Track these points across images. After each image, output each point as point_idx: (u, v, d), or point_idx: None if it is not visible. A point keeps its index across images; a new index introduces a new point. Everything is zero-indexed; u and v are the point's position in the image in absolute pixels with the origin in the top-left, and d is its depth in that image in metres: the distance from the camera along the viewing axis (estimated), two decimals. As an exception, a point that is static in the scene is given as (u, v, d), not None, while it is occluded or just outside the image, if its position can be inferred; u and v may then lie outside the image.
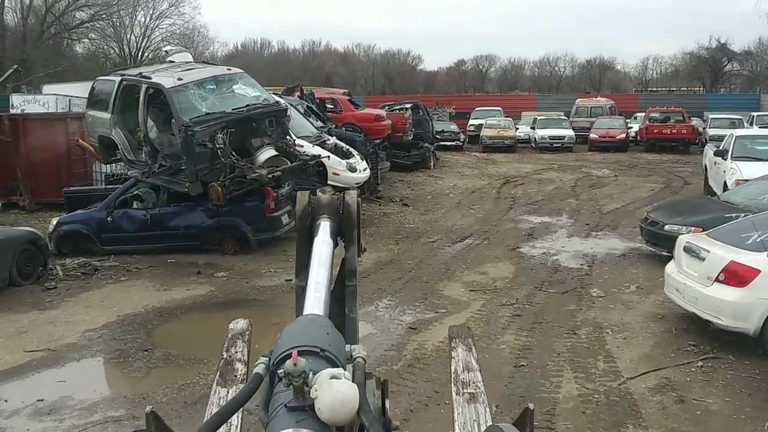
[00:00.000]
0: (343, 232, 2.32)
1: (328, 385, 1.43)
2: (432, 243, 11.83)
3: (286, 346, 1.59)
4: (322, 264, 2.08)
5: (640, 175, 20.98)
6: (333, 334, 1.71)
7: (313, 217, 2.31)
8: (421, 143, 22.92)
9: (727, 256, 6.69)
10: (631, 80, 76.91)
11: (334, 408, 1.41)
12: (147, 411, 1.95)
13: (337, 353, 1.62)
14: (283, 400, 1.48)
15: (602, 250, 11.34)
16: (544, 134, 29.20)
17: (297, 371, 1.43)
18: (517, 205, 15.83)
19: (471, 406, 2.34)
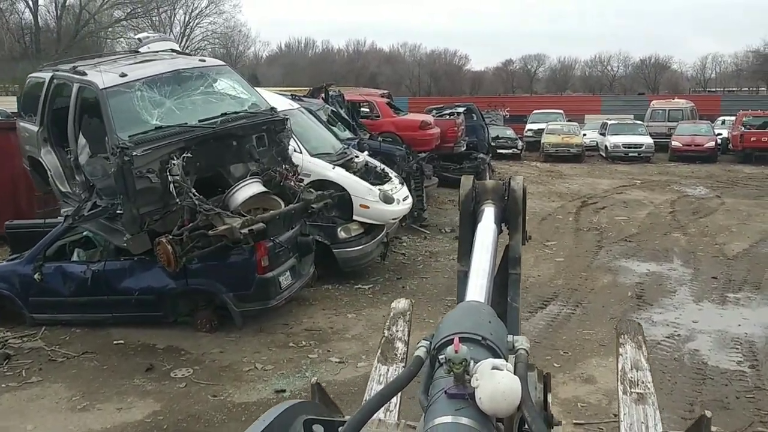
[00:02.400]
0: (507, 218, 2.33)
1: (490, 375, 1.41)
2: (500, 311, 8.21)
3: (447, 331, 1.58)
4: (486, 249, 2.07)
5: (749, 197, 16.84)
6: (495, 322, 1.69)
7: (478, 201, 2.32)
8: (475, 153, 19.24)
9: None
10: (687, 80, 72.85)
11: (496, 399, 1.38)
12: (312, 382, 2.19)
13: (498, 343, 1.59)
14: (443, 386, 1.46)
15: (758, 330, 7.53)
16: (618, 141, 25.08)
17: (458, 358, 1.42)
18: (607, 241, 12.02)
19: (639, 407, 2.25)
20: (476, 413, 1.39)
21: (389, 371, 2.39)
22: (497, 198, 2.34)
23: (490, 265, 2.05)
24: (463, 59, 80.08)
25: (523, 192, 2.36)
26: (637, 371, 2.48)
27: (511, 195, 2.34)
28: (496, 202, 2.33)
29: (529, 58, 79.30)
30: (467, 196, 2.35)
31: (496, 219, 2.28)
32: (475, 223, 2.27)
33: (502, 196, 2.35)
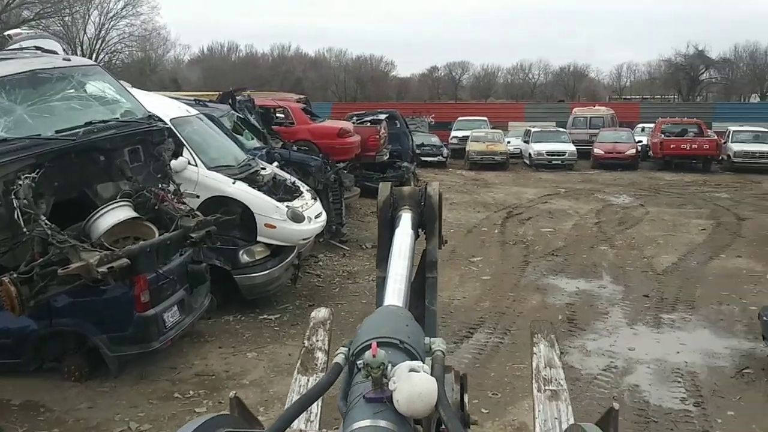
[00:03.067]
0: (424, 223, 2.38)
1: (407, 377, 1.44)
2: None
3: (365, 336, 1.62)
4: (403, 255, 2.12)
5: (672, 205, 16.73)
6: (412, 326, 1.73)
7: (395, 208, 2.37)
8: (399, 162, 18.48)
9: None
10: (604, 88, 75.22)
11: (413, 400, 1.41)
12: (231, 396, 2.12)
13: (416, 345, 1.63)
14: (361, 391, 1.49)
15: (697, 358, 6.96)
16: (541, 149, 24.89)
17: (376, 362, 1.45)
18: (534, 256, 11.40)
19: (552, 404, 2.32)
20: (394, 416, 1.42)
21: (309, 382, 2.41)
22: (414, 204, 2.38)
23: (408, 269, 2.10)
24: (389, 65, 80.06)
25: (439, 197, 2.40)
26: (550, 369, 2.54)
27: (427, 201, 2.38)
28: (412, 207, 2.37)
29: (454, 65, 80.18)
30: (385, 202, 2.39)
31: (413, 224, 2.32)
32: (392, 229, 2.31)
33: (418, 202, 2.39)
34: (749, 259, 11.02)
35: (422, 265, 2.38)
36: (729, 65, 61.57)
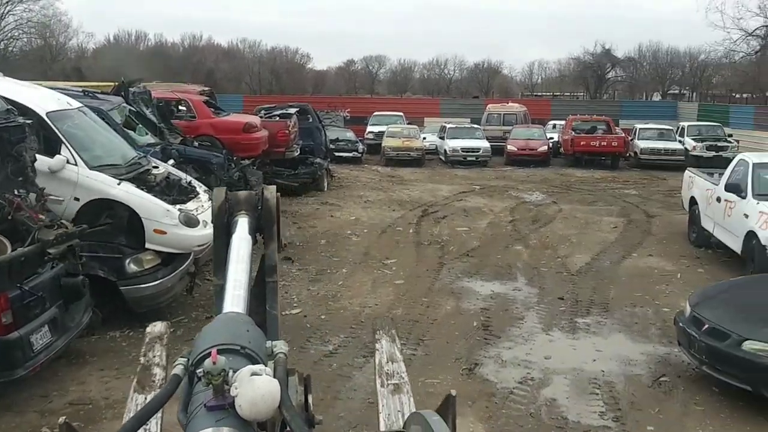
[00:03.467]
0: (262, 228, 2.36)
1: (249, 381, 1.42)
2: (329, 358, 6.79)
3: (205, 345, 1.58)
4: (241, 260, 2.10)
5: (584, 202, 16.88)
6: (253, 330, 1.72)
7: (231, 213, 2.32)
8: (312, 158, 17.84)
9: None
10: (517, 85, 77.14)
11: (255, 403, 1.39)
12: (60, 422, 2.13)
13: (257, 350, 1.62)
14: (202, 399, 1.46)
15: (614, 366, 6.74)
16: (457, 146, 24.78)
17: (216, 369, 1.42)
18: (449, 257, 11.06)
19: (395, 397, 2.42)
20: (237, 421, 1.40)
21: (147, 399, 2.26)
22: (251, 208, 2.35)
23: (246, 275, 2.08)
24: (305, 57, 78.97)
25: (276, 201, 2.41)
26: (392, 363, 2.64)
27: (264, 205, 2.37)
28: (249, 212, 2.33)
29: (371, 59, 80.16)
30: (220, 208, 2.32)
31: (250, 229, 2.28)
32: (229, 235, 2.26)
33: (255, 206, 2.36)
34: (660, 258, 11.08)
35: (261, 269, 2.35)
36: (633, 64, 64.13)
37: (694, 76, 61.83)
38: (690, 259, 10.98)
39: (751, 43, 29.47)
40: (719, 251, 11.01)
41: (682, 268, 10.41)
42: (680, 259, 11.01)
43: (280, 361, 1.64)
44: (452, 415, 2.06)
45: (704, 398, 6.02)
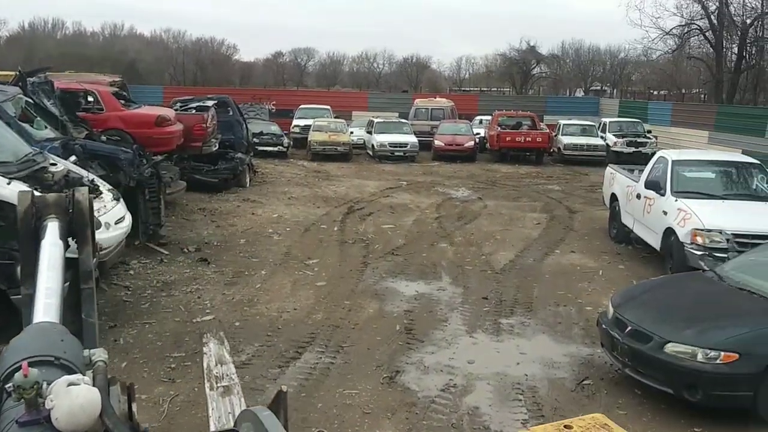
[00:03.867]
0: (74, 232, 2.26)
1: (66, 392, 1.38)
2: (241, 369, 6.34)
3: (14, 358, 1.52)
4: (52, 268, 2.02)
5: (509, 198, 16.94)
6: (68, 340, 1.67)
7: (39, 217, 2.21)
8: (233, 153, 17.18)
9: None
10: (445, 80, 78.04)
11: (74, 414, 1.35)
12: None
13: (74, 360, 1.58)
14: (13, 416, 1.40)
15: (537, 369, 6.58)
16: (384, 141, 24.53)
17: (28, 383, 1.37)
18: (373, 256, 10.76)
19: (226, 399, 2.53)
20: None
21: None
22: (61, 211, 2.23)
23: (59, 283, 1.98)
24: (231, 49, 77.32)
25: (89, 203, 2.28)
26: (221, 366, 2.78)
27: (76, 207, 2.25)
28: (60, 215, 2.22)
29: (299, 51, 79.36)
30: (26, 212, 2.19)
31: (61, 234, 2.19)
32: (38, 240, 2.14)
33: (66, 209, 2.24)
34: (582, 255, 11.12)
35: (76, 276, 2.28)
36: (557, 61, 65.77)
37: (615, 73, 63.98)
38: (611, 256, 11.07)
39: (668, 41, 30.47)
40: (639, 247, 11.15)
41: (604, 265, 10.46)
42: (602, 255, 11.09)
43: (100, 370, 1.61)
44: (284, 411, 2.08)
45: (627, 401, 5.93)
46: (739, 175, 10.12)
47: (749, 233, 8.37)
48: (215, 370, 2.66)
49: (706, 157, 11.11)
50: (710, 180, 10.05)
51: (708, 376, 5.42)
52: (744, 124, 23.20)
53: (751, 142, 22.00)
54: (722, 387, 5.44)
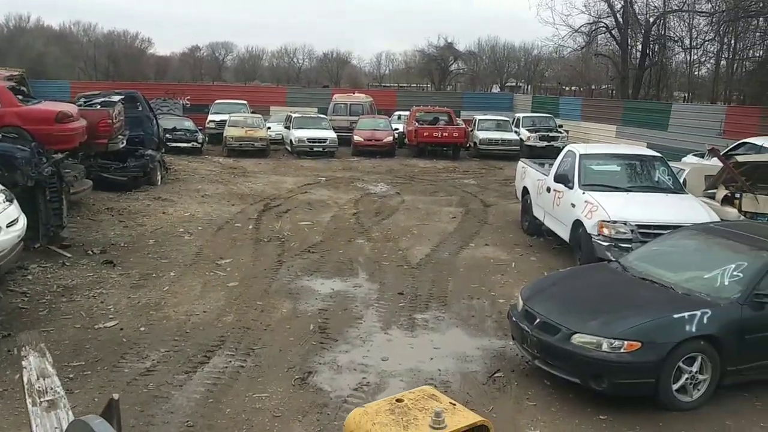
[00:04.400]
0: None
1: None
2: (145, 376, 6.05)
3: None
4: None
5: (426, 193, 17.05)
6: None
7: None
8: (143, 149, 16.52)
9: None
10: (365, 75, 78.31)
11: None
12: None
13: None
14: None
15: (450, 363, 6.61)
16: (303, 136, 24.22)
17: None
18: (289, 254, 10.56)
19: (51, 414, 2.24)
20: None
21: None
22: None
23: None
24: (145, 42, 74.87)
25: None
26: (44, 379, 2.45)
27: None
28: None
29: (217, 46, 77.80)
30: None
31: None
32: None
33: None
34: (495, 248, 11.29)
35: None
36: (474, 57, 67.01)
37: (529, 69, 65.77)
38: (523, 248, 11.29)
39: (577, 39, 31.53)
40: (550, 239, 11.43)
41: (516, 257, 10.66)
42: (514, 248, 11.30)
43: None
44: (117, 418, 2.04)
45: (536, 393, 6.02)
46: (643, 168, 10.51)
47: (652, 224, 8.68)
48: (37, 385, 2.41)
49: (612, 151, 11.48)
50: (616, 173, 10.39)
51: (612, 365, 5.57)
52: (648, 119, 24.27)
53: (655, 135, 23.05)
54: (626, 375, 5.60)
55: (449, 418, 2.77)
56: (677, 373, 5.64)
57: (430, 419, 2.74)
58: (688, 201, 9.57)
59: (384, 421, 2.78)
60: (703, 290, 6.06)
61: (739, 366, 5.83)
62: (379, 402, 2.93)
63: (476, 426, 2.81)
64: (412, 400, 2.92)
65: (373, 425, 2.76)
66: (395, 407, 2.88)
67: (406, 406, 2.89)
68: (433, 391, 3.02)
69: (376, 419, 2.80)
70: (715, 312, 5.74)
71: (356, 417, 2.88)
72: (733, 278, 6.09)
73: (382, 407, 2.86)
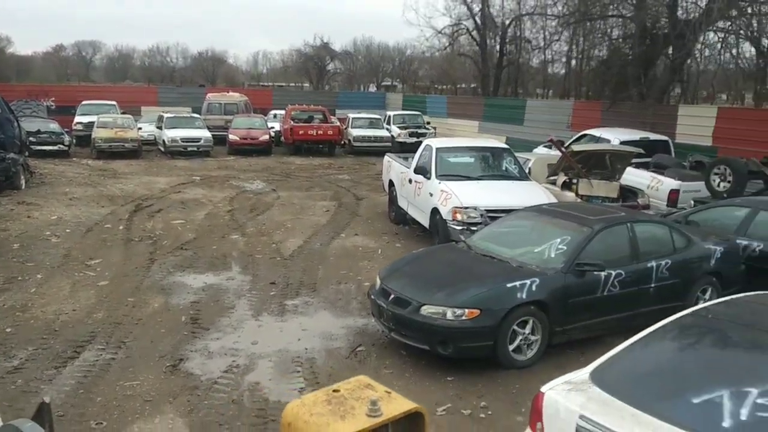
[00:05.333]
0: None
1: None
2: (13, 374, 6.13)
3: None
4: None
5: (301, 188, 17.48)
6: None
7: None
8: (3, 153, 15.84)
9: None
10: (243, 74, 77.38)
11: None
12: None
13: None
14: None
15: (317, 342, 7.14)
16: (176, 136, 23.88)
17: None
18: (161, 252, 10.68)
19: None
20: None
21: None
22: None
23: None
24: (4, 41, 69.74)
25: None
26: None
27: None
28: None
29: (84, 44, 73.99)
30: None
31: None
32: None
33: None
34: (365, 237, 11.94)
35: None
36: (350, 57, 67.85)
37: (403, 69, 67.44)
38: (390, 236, 12.03)
39: (442, 40, 33.03)
40: (415, 227, 12.22)
41: (383, 245, 11.36)
42: (382, 236, 12.00)
43: None
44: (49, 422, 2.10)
45: (393, 362, 6.66)
46: (493, 159, 11.51)
47: (498, 208, 9.59)
48: None
49: (465, 144, 12.45)
50: (469, 164, 11.31)
51: (456, 332, 6.30)
52: (507, 114, 25.97)
53: (513, 129, 24.77)
54: (468, 339, 6.35)
55: (385, 406, 2.82)
56: (512, 336, 6.45)
57: (366, 408, 2.79)
58: (531, 187, 10.63)
59: (321, 412, 2.81)
60: (533, 262, 6.94)
61: (565, 327, 6.73)
62: (315, 393, 3.00)
63: (411, 413, 2.86)
64: (348, 390, 2.97)
65: (310, 416, 2.79)
66: (331, 398, 2.91)
67: (342, 396, 2.92)
68: (368, 380, 3.09)
69: (314, 410, 2.82)
70: (543, 280, 6.60)
71: (293, 409, 2.88)
72: (558, 251, 7.01)
73: (319, 398, 2.91)
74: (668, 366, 3.83)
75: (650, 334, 4.09)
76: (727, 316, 4.18)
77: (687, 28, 15.94)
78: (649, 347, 4.01)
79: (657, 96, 18.49)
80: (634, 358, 3.95)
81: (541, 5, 24.28)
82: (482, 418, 5.58)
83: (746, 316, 4.15)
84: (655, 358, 3.92)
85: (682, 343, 4.01)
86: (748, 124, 15.82)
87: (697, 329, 4.08)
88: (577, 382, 3.92)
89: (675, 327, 4.12)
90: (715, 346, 3.93)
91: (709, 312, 4.26)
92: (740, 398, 3.31)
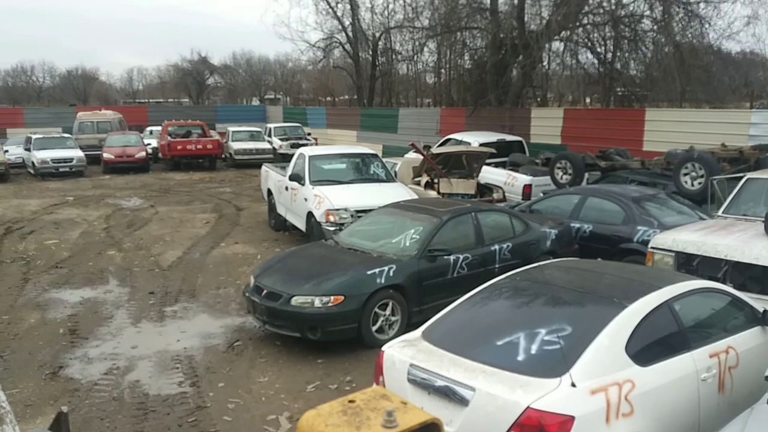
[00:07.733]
0: None
1: None
2: None
3: None
4: None
5: (181, 203, 17.57)
6: None
7: None
8: None
9: (511, 395, 3.78)
10: (117, 91, 74.96)
11: None
12: None
13: None
14: None
15: (196, 341, 7.56)
16: (46, 157, 23.12)
17: None
18: (35, 271, 10.62)
19: None
20: None
21: None
22: None
23: None
24: None
25: None
26: None
27: None
28: None
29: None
30: None
31: None
32: None
33: None
34: (245, 244, 12.36)
35: None
36: (230, 71, 67.29)
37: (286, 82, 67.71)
38: (270, 242, 12.52)
39: (316, 53, 33.79)
40: (294, 232, 12.77)
41: (263, 250, 11.84)
42: (262, 242, 12.48)
43: None
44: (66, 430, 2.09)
45: (268, 352, 7.21)
46: (362, 164, 12.29)
47: (366, 208, 10.31)
48: None
49: (336, 151, 13.14)
50: (340, 170, 12.02)
51: (323, 317, 6.94)
52: (381, 123, 27.07)
53: (388, 137, 25.88)
54: (335, 324, 7.01)
55: (401, 417, 2.80)
56: (375, 317, 7.18)
57: (382, 419, 2.77)
58: (396, 188, 11.47)
59: (337, 423, 2.79)
60: (391, 252, 7.72)
61: (422, 306, 7.52)
62: (331, 403, 2.98)
63: (427, 424, 2.85)
64: (364, 401, 2.97)
65: (326, 426, 2.78)
66: (347, 408, 2.90)
67: (358, 406, 2.91)
68: (384, 391, 3.12)
69: (329, 421, 2.81)
70: (399, 266, 7.38)
71: (309, 419, 2.86)
72: (412, 240, 7.83)
73: (335, 409, 2.90)
74: (481, 319, 4.68)
75: (470, 297, 4.94)
76: (531, 277, 5.09)
77: (531, 38, 17.55)
78: (468, 306, 4.85)
79: (513, 100, 20.13)
80: (455, 316, 4.78)
81: (408, 18, 25.52)
82: (347, 390, 6.24)
83: (546, 277, 5.08)
84: (472, 314, 4.76)
85: (494, 301, 4.86)
86: (589, 122, 17.63)
87: (507, 289, 4.95)
88: (410, 339, 4.69)
89: (490, 288, 4.98)
90: (518, 300, 4.81)
91: (518, 275, 5.16)
92: (532, 338, 4.18)
